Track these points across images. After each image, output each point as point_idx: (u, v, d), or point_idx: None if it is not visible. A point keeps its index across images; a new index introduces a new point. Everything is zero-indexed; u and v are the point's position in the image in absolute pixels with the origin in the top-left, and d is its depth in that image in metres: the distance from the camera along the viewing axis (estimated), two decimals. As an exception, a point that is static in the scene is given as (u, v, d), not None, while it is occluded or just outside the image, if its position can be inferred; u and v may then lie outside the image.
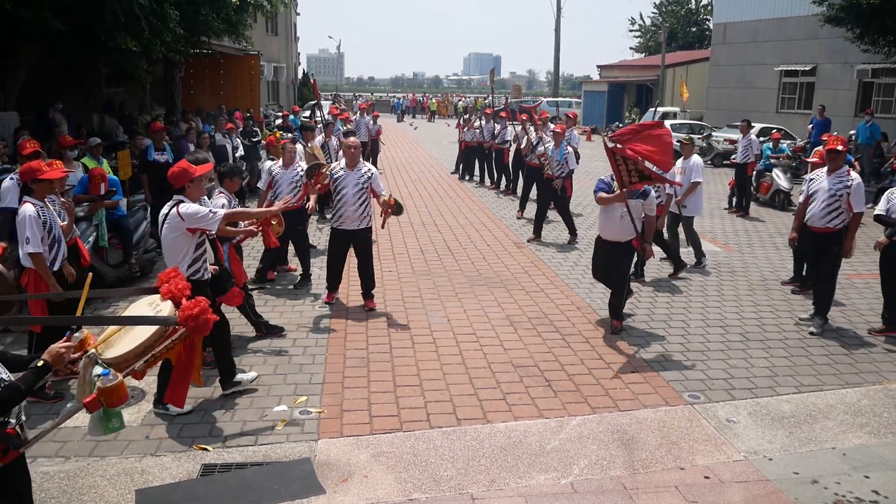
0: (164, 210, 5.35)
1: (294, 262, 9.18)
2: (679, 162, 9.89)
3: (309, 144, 10.33)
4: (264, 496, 4.30)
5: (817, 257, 7.46)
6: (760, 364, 6.51)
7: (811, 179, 7.53)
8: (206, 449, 4.84)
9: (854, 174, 7.22)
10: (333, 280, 7.85)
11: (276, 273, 8.94)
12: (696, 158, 9.76)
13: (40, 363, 2.99)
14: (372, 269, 7.87)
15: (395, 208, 7.65)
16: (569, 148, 11.49)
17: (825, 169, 7.36)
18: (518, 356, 6.55)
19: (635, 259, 7.74)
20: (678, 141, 9.99)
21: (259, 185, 9.25)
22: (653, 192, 7.22)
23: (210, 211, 5.27)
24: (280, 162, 8.72)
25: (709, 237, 11.91)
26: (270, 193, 8.49)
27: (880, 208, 7.05)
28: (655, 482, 4.55)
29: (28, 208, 5.49)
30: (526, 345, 6.83)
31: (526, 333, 7.15)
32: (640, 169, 6.72)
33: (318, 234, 11.25)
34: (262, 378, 5.98)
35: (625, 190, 6.82)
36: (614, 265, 7.21)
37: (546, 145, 11.79)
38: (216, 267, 5.89)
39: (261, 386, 5.83)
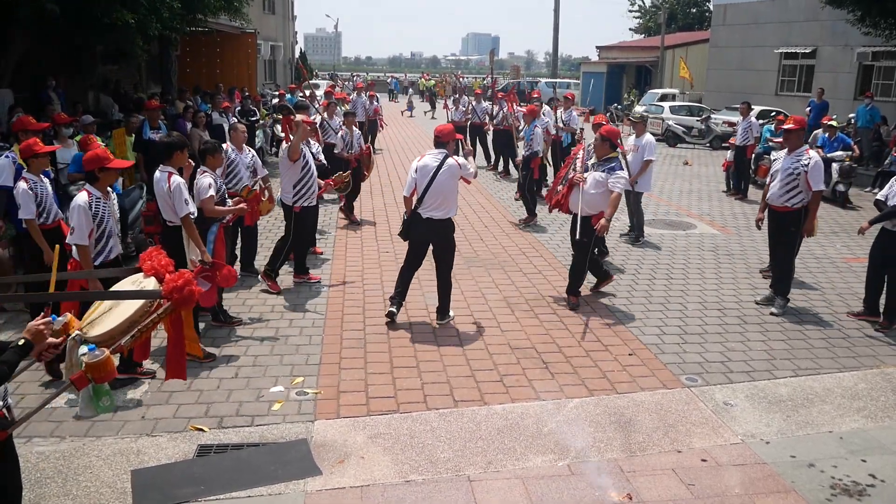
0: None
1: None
2: (632, 140, 9.95)
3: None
4: (261, 477, 4.29)
5: (776, 237, 7.46)
6: (758, 347, 6.50)
7: (774, 159, 7.60)
8: (202, 429, 4.82)
9: (812, 153, 7.16)
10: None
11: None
12: (648, 137, 9.90)
13: (21, 341, 2.97)
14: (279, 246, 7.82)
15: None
16: (537, 129, 11.29)
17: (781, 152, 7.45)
18: (515, 338, 6.53)
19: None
20: (631, 118, 10.17)
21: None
22: (620, 169, 7.22)
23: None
24: (231, 145, 7.79)
25: (707, 219, 11.88)
26: (231, 179, 7.57)
27: (882, 193, 7.01)
28: (652, 465, 4.55)
29: (82, 197, 5.23)
30: (523, 326, 6.82)
31: (523, 315, 7.13)
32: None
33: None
34: (258, 359, 5.96)
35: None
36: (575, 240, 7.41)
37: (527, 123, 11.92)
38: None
39: (257, 367, 5.81)
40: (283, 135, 9.09)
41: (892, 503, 4.22)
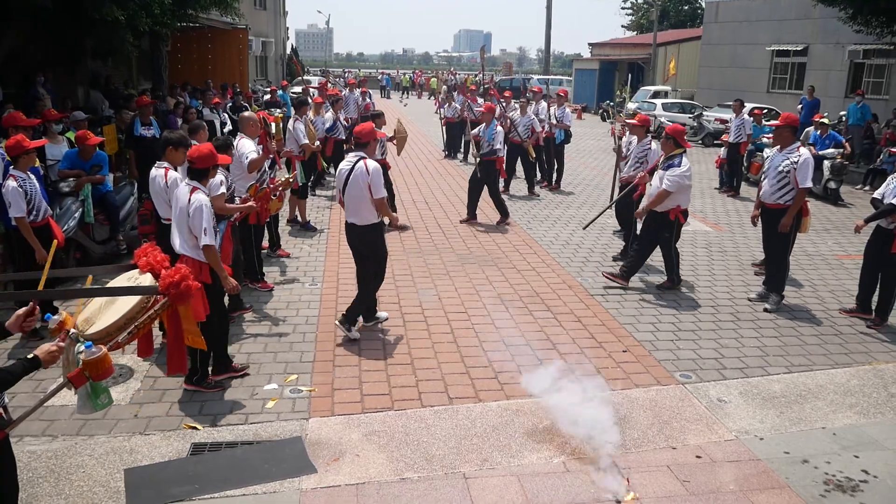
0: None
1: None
2: (628, 140, 9.91)
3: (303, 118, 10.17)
4: (255, 475, 4.27)
5: (768, 233, 7.49)
6: (751, 344, 6.52)
7: (767, 157, 7.63)
8: (195, 427, 4.79)
9: (803, 150, 7.19)
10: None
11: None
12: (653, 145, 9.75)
13: (31, 356, 3.00)
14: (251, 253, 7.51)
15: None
16: (498, 128, 10.73)
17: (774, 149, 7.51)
18: (509, 335, 6.53)
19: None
20: (625, 123, 10.14)
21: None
22: (678, 167, 7.45)
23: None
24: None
25: (699, 216, 11.91)
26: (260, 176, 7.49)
27: (878, 192, 7.03)
28: (647, 461, 4.56)
29: (201, 198, 5.01)
30: (517, 323, 6.81)
31: (517, 312, 7.12)
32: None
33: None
34: (252, 356, 5.93)
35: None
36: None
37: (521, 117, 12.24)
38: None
39: (251, 364, 5.77)
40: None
41: (885, 499, 4.24)
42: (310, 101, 11.28)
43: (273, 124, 8.77)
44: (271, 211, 7.63)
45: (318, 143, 10.83)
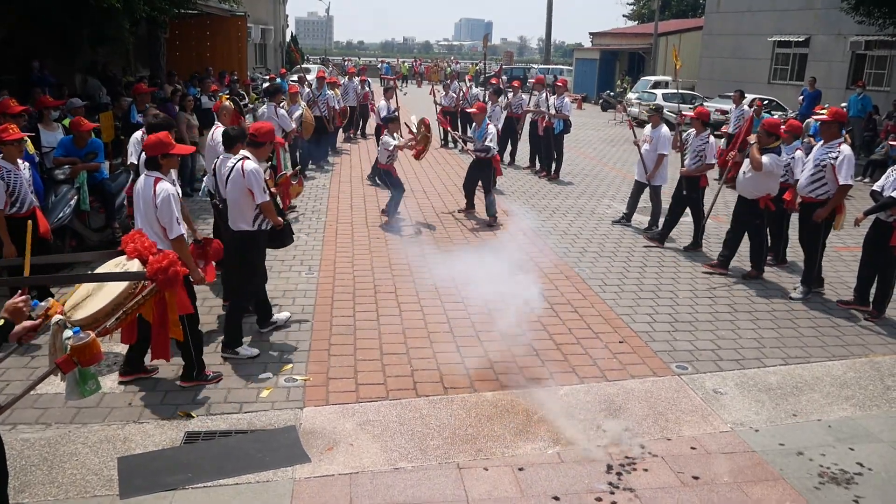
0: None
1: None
2: (647, 130, 9.90)
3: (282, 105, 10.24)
4: (249, 464, 4.26)
5: (801, 226, 7.56)
6: (748, 335, 6.51)
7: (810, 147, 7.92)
8: (189, 415, 4.78)
9: (844, 147, 7.16)
10: None
11: None
12: (664, 130, 9.76)
13: (0, 322, 2.92)
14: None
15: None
16: (490, 127, 10.06)
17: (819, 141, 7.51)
18: (506, 325, 6.50)
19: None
20: (646, 110, 10.02)
21: None
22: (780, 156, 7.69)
23: None
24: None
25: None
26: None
27: (878, 184, 7.00)
28: (642, 452, 4.54)
29: (166, 187, 4.90)
30: (514, 314, 6.78)
31: (515, 302, 7.09)
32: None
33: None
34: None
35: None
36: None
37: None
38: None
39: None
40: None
41: (879, 491, 4.23)
42: (285, 89, 11.27)
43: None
44: (293, 196, 7.63)
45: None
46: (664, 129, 9.75)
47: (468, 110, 11.77)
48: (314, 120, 13.25)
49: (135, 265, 3.63)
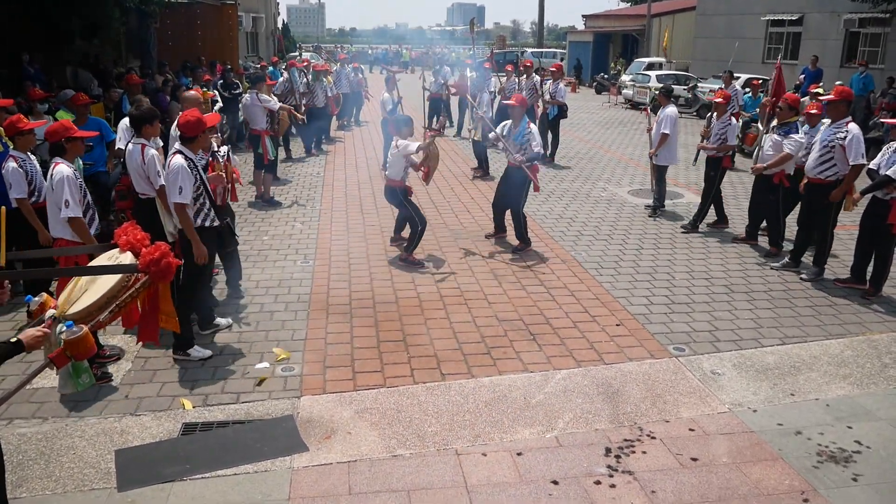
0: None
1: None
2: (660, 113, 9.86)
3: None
4: (247, 454, 4.25)
5: (809, 208, 7.51)
6: (745, 316, 6.50)
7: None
8: (186, 406, 4.76)
9: (851, 126, 7.06)
10: None
11: None
12: (669, 109, 9.70)
13: (13, 340, 2.96)
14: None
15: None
16: (531, 127, 8.10)
17: (825, 120, 7.47)
18: (502, 310, 6.50)
19: None
20: (655, 90, 9.99)
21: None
22: (795, 132, 7.89)
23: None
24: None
25: (694, 188, 11.84)
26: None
27: (874, 162, 6.96)
28: (640, 435, 4.54)
29: (63, 169, 5.13)
30: (510, 298, 6.78)
31: (510, 287, 7.09)
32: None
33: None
34: (243, 335, 5.90)
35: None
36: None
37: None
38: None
39: (242, 343, 5.74)
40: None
41: (878, 469, 4.23)
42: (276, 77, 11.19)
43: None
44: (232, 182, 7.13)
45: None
46: (670, 109, 9.69)
47: (506, 102, 10.05)
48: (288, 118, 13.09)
49: (127, 258, 3.60)
